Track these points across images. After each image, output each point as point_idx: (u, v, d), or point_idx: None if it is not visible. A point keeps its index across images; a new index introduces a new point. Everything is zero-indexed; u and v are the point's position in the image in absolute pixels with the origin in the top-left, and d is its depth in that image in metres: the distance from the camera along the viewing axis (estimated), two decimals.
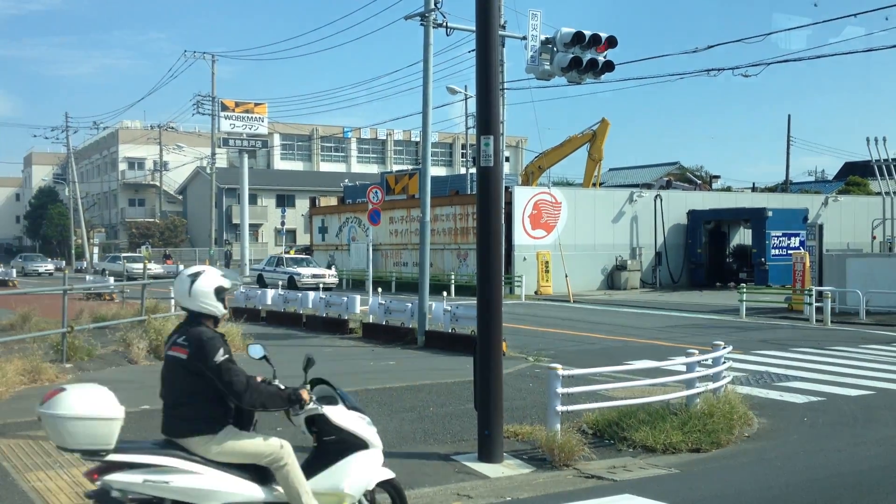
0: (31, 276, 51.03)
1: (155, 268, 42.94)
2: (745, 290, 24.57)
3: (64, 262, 59.77)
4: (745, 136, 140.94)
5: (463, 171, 57.68)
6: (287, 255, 39.72)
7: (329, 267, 39.75)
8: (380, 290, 20.85)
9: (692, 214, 37.67)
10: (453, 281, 32.75)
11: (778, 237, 35.33)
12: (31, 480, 6.95)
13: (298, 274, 35.51)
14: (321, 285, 34.94)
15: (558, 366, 8.35)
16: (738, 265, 37.37)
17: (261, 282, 35.91)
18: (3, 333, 15.12)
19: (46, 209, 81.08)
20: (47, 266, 54.52)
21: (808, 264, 24.44)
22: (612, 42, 14.82)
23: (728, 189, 53.89)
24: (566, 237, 33.87)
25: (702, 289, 35.41)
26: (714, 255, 38.01)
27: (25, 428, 8.78)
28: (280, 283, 28.48)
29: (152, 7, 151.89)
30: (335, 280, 36.55)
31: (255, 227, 68.33)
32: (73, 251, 68.18)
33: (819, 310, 21.95)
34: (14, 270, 44.34)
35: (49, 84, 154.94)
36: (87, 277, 37.51)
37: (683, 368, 9.74)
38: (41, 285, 36.69)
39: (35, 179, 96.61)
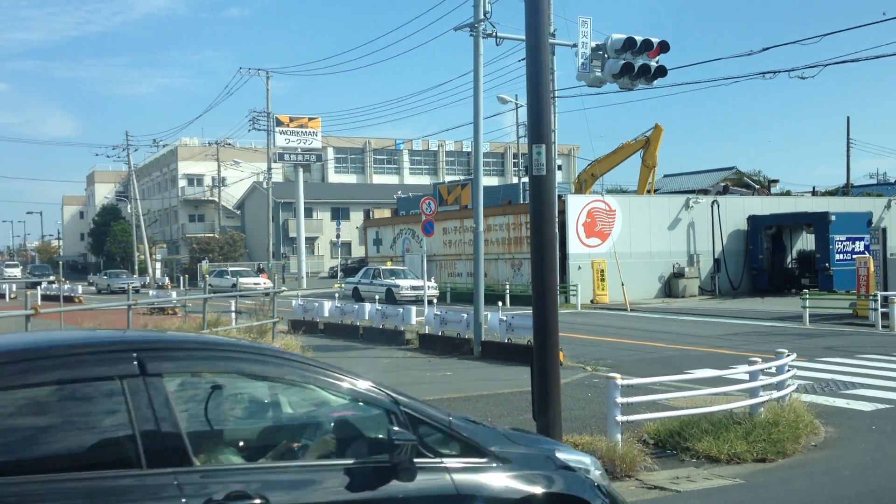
0: (118, 294, 50.10)
1: (266, 283, 42.35)
2: (808, 296, 24.01)
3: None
4: (802, 139, 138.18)
5: (515, 180, 57.61)
6: (383, 267, 37.46)
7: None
8: (435, 300, 20.91)
9: (752, 220, 36.97)
10: (508, 291, 32.65)
11: (842, 241, 34.44)
12: None
13: (397, 286, 33.63)
14: (421, 297, 33.18)
15: (617, 375, 8.27)
16: (801, 271, 36.53)
17: (356, 295, 34.03)
18: None
19: (109, 226, 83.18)
20: (134, 283, 53.04)
21: (871, 269, 23.79)
22: (664, 47, 14.69)
23: (787, 193, 52.82)
24: (621, 245, 33.52)
25: (763, 295, 34.70)
26: (776, 260, 37.22)
27: None
28: (377, 296, 27.64)
29: (207, 27, 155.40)
30: (436, 292, 32.26)
31: (311, 241, 69.23)
32: (136, 267, 69.83)
33: (885, 315, 21.35)
34: (80, 287, 45.21)
35: (109, 104, 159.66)
36: (151, 293, 38.37)
37: (746, 377, 9.55)
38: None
39: (98, 197, 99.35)
